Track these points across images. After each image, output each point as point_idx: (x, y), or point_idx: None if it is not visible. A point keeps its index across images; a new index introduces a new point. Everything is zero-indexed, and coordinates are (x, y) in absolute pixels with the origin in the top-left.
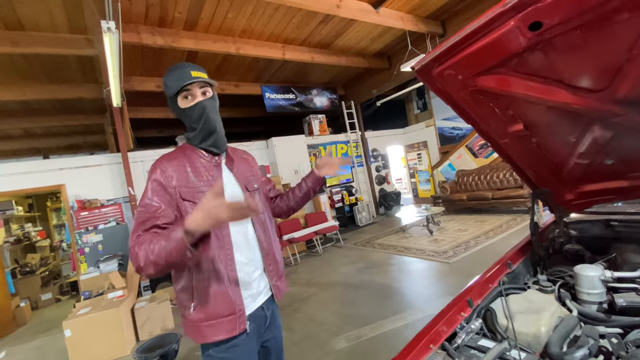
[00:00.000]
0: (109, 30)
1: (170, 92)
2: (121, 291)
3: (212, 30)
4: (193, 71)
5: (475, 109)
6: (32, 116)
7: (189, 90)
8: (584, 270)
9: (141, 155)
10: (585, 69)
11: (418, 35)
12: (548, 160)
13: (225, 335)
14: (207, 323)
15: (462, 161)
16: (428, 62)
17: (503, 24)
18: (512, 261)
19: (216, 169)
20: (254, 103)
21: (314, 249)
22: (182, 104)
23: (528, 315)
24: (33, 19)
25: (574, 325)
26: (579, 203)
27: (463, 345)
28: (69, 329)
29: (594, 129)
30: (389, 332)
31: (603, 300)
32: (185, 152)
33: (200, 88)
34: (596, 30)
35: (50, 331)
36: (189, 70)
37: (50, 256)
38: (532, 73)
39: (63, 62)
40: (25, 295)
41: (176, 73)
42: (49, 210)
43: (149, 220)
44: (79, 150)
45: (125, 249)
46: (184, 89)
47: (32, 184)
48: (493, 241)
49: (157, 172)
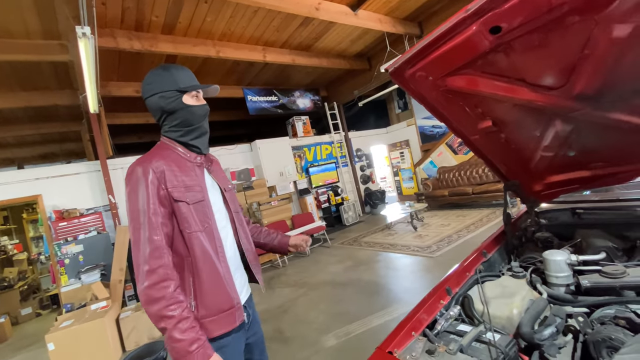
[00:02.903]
0: (84, 35)
1: (177, 85)
2: (105, 302)
3: (190, 33)
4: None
5: (447, 108)
6: (5, 125)
7: (199, 92)
8: (552, 255)
9: (121, 162)
10: (544, 68)
11: (397, 37)
12: (517, 154)
13: (228, 328)
14: (209, 319)
15: (443, 158)
16: (400, 65)
17: (466, 29)
18: (487, 250)
19: (199, 169)
20: (237, 106)
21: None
22: (190, 101)
23: (502, 300)
24: (4, 25)
25: (544, 306)
26: (547, 193)
27: (443, 331)
28: (52, 342)
29: (556, 123)
30: (376, 327)
31: (570, 283)
32: (165, 151)
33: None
34: (551, 32)
35: (32, 346)
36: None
37: (29, 269)
38: (497, 73)
39: (36, 69)
40: (4, 311)
41: (186, 73)
42: (25, 222)
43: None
44: (56, 159)
45: (108, 259)
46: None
47: (6, 196)
48: (474, 234)
49: (149, 174)
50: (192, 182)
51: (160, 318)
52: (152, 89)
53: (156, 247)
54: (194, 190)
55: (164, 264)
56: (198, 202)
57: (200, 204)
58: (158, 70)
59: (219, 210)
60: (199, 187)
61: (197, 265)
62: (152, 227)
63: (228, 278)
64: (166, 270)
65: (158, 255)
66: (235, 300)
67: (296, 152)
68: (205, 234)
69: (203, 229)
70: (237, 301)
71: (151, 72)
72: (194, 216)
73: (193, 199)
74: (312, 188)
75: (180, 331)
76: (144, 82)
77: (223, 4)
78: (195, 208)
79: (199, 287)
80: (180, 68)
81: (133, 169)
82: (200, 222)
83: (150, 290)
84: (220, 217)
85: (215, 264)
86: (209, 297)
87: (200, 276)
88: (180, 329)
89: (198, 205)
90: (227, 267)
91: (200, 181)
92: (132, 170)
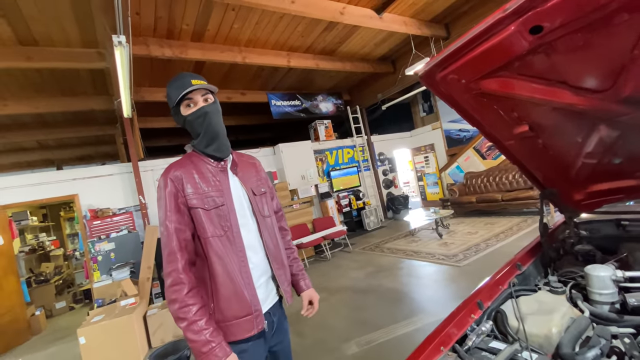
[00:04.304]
0: (119, 44)
1: (173, 102)
2: (133, 299)
3: (218, 40)
4: (193, 80)
5: (480, 111)
6: (46, 128)
7: (191, 99)
8: (595, 271)
9: (151, 164)
10: (589, 69)
11: (422, 39)
12: (555, 161)
13: (244, 334)
14: (226, 324)
15: (470, 163)
16: (431, 68)
17: (504, 29)
18: (522, 263)
19: (222, 174)
20: (261, 110)
21: (322, 254)
22: (185, 111)
23: (539, 317)
24: (46, 34)
25: (586, 325)
26: (588, 203)
27: (474, 347)
28: (84, 336)
29: (600, 128)
30: (399, 336)
31: (615, 301)
32: (192, 158)
33: (202, 95)
34: (597, 31)
35: (65, 339)
36: (189, 79)
37: (64, 265)
38: (536, 75)
39: (75, 75)
40: (40, 304)
41: (177, 83)
42: (63, 219)
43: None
44: (91, 161)
45: (137, 257)
46: (185, 98)
47: (46, 195)
48: (504, 243)
49: (168, 184)
50: (211, 188)
51: (176, 318)
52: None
53: (170, 252)
54: (213, 196)
55: (176, 268)
56: (217, 207)
57: (220, 209)
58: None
59: (244, 215)
60: (220, 192)
61: (214, 271)
62: (169, 233)
63: (247, 284)
64: (178, 274)
65: (171, 260)
66: (253, 308)
67: (318, 155)
68: (225, 239)
69: (223, 233)
70: (255, 308)
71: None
72: (212, 221)
73: (212, 205)
74: (333, 192)
75: (192, 332)
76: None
77: (249, 11)
78: (215, 213)
79: (215, 291)
80: (172, 81)
81: (160, 179)
82: (220, 227)
83: (167, 291)
84: (244, 222)
85: (231, 269)
86: (224, 302)
87: (216, 281)
88: (192, 330)
89: (218, 210)
90: (248, 273)
91: (222, 186)
92: (159, 180)
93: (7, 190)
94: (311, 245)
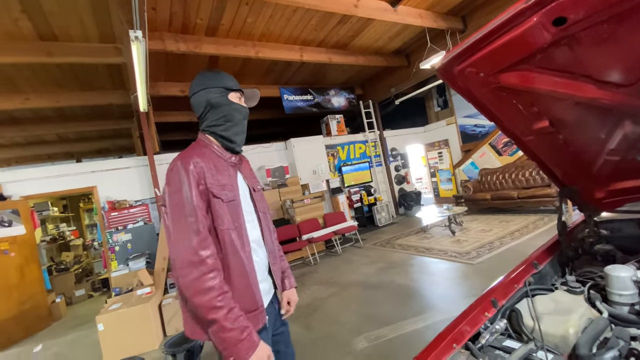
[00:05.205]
0: (136, 39)
1: (229, 85)
2: (149, 288)
3: (232, 35)
4: None
5: (498, 106)
6: (66, 122)
7: (241, 94)
8: (615, 271)
9: (167, 157)
10: (614, 62)
11: (437, 32)
12: (576, 157)
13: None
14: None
15: (486, 159)
16: (449, 61)
17: (525, 21)
18: (538, 261)
19: (232, 169)
20: (273, 105)
21: (333, 249)
22: (234, 99)
23: (556, 317)
24: (66, 29)
25: (604, 327)
26: (609, 201)
27: (487, 345)
28: (102, 323)
29: (625, 124)
30: (410, 332)
31: (635, 302)
32: (203, 149)
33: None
34: (623, 23)
35: (84, 325)
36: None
37: (83, 254)
38: (558, 68)
39: (94, 70)
40: (60, 292)
41: (232, 78)
42: (82, 210)
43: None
44: (109, 154)
45: (152, 248)
46: (238, 90)
47: (66, 186)
48: (519, 242)
49: (191, 168)
50: (226, 181)
51: (209, 309)
52: (201, 84)
53: (204, 237)
54: (228, 189)
55: (212, 254)
56: (230, 201)
57: (232, 203)
58: (207, 72)
59: (249, 211)
60: (231, 186)
61: (229, 263)
62: (198, 218)
63: (254, 279)
64: (215, 260)
65: (206, 246)
66: (259, 303)
67: (329, 150)
68: (235, 232)
69: (234, 227)
70: (260, 304)
71: (201, 73)
72: (227, 214)
73: (227, 198)
74: (344, 187)
75: (231, 320)
76: (194, 80)
77: (263, 5)
78: (228, 206)
79: (229, 284)
80: (223, 73)
81: (175, 164)
82: (232, 221)
83: (198, 281)
84: (249, 218)
85: (244, 264)
86: (237, 296)
87: (231, 274)
88: (230, 318)
89: (230, 204)
90: (254, 268)
91: (233, 181)
92: (174, 165)
93: (29, 181)
94: (322, 240)
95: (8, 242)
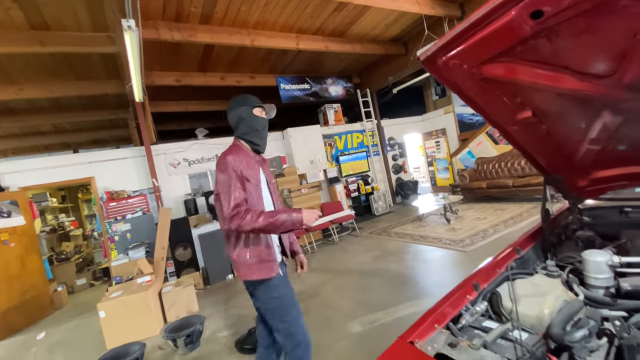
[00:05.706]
0: (129, 28)
1: (252, 103)
2: (149, 276)
3: (226, 23)
4: None
5: (483, 97)
6: (61, 112)
7: (262, 109)
8: (592, 256)
9: (163, 147)
10: (591, 55)
11: (435, 19)
12: (559, 147)
13: (270, 274)
14: (258, 265)
15: (482, 148)
16: (433, 52)
17: (505, 14)
18: (521, 247)
19: (258, 165)
20: (270, 94)
21: (330, 238)
22: (259, 114)
23: (533, 299)
24: (58, 18)
25: (578, 308)
26: (592, 189)
27: (467, 325)
28: (103, 311)
29: (604, 114)
30: (403, 317)
31: (610, 285)
32: (238, 148)
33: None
34: (599, 16)
35: (86, 313)
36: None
37: (83, 244)
38: (538, 60)
39: (88, 60)
40: (61, 281)
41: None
42: (81, 201)
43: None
44: (106, 144)
45: (151, 238)
46: (261, 106)
47: (64, 177)
48: (512, 230)
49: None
50: (253, 172)
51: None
52: (235, 105)
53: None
54: (254, 177)
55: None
56: (256, 185)
57: (257, 186)
58: (237, 96)
59: (267, 199)
60: (256, 179)
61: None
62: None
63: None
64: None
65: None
66: (273, 257)
67: (327, 140)
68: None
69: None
70: (274, 258)
71: (233, 97)
72: (253, 193)
73: (254, 182)
74: (341, 177)
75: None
76: (229, 102)
77: None
78: (254, 188)
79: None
80: (251, 95)
81: (224, 157)
82: (256, 204)
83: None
84: (267, 204)
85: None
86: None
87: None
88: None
89: (256, 187)
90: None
91: (257, 173)
92: (223, 158)
93: (26, 172)
94: (319, 229)
95: (8, 232)
